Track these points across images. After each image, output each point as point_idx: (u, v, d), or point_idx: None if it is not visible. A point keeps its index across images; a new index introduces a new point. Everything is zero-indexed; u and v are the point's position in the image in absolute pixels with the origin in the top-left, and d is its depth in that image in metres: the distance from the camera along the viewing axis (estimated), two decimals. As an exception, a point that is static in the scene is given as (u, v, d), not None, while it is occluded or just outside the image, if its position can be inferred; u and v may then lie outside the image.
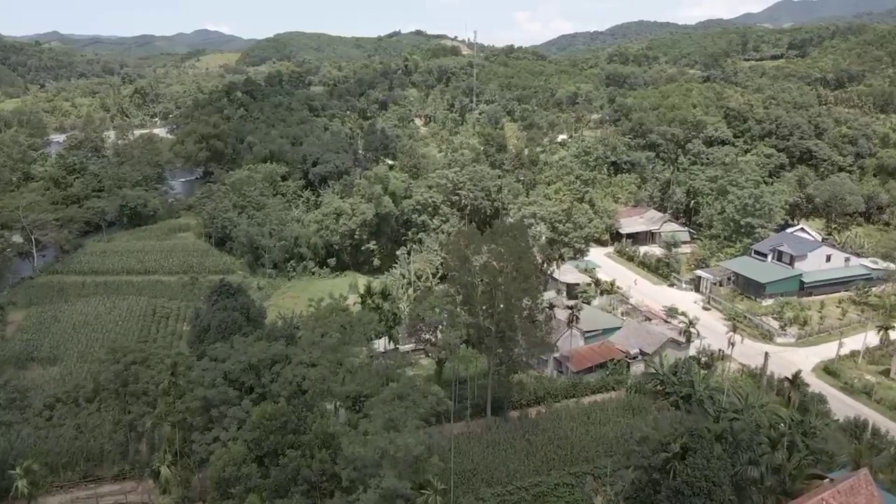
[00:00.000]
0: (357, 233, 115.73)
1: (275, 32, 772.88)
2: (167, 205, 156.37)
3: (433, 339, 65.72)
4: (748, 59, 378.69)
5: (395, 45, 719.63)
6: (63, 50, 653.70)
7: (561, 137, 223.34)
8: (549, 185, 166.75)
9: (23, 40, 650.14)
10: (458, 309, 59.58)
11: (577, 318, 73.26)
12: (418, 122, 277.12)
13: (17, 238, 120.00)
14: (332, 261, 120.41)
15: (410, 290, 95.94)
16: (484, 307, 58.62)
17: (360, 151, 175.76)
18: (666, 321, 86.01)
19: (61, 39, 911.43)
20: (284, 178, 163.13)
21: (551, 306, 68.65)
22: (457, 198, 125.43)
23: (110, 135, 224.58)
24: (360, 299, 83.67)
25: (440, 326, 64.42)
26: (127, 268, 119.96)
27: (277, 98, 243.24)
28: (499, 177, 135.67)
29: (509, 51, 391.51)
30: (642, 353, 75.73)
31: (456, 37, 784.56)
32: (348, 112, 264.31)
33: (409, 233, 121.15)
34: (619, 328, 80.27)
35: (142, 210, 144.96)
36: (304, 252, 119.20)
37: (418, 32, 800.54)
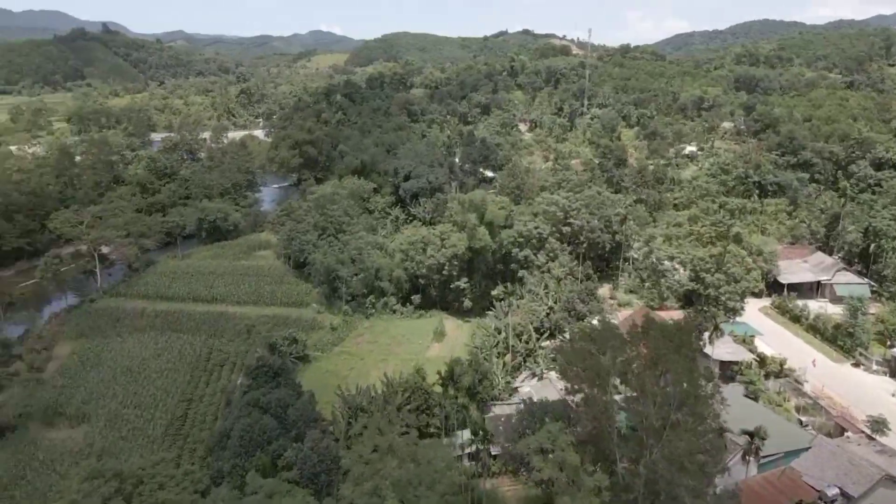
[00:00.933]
0: (446, 267, 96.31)
1: (382, 33, 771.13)
2: (251, 217, 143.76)
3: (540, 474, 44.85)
4: (893, 65, 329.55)
5: (502, 46, 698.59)
6: (184, 48, 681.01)
7: (688, 149, 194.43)
8: (678, 208, 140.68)
9: (149, 38, 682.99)
10: (585, 468, 38.24)
11: (759, 448, 49.85)
12: (522, 127, 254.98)
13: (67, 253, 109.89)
14: (416, 297, 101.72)
15: (507, 357, 75.22)
16: (630, 461, 37.23)
17: (456, 163, 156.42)
18: (870, 437, 60.34)
19: (186, 38, 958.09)
20: (377, 190, 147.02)
21: (721, 431, 45.93)
22: (568, 228, 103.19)
23: (206, 137, 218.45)
24: (440, 380, 63.97)
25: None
26: (193, 293, 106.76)
27: (376, 102, 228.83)
28: (624, 204, 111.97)
29: (625, 50, 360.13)
30: (844, 493, 51.27)
31: (564, 36, 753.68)
32: (448, 117, 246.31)
33: (509, 270, 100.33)
34: (806, 449, 55.80)
35: (221, 224, 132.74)
36: (385, 286, 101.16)
37: (526, 32, 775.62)
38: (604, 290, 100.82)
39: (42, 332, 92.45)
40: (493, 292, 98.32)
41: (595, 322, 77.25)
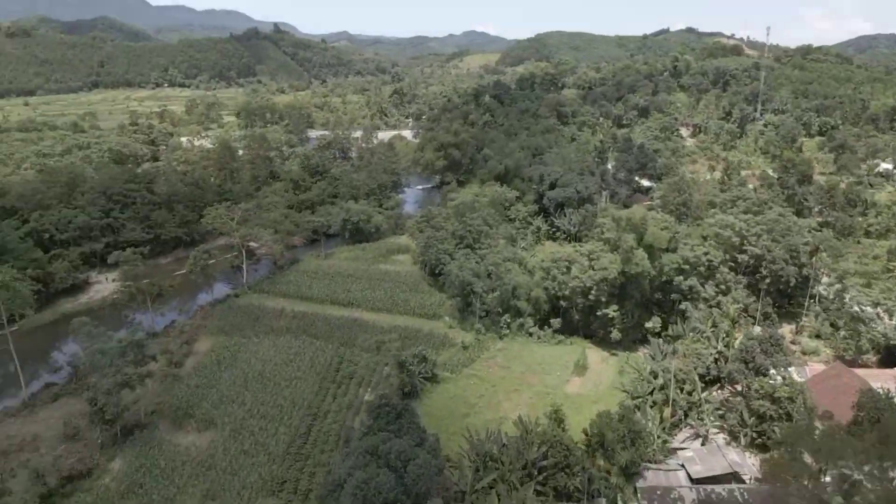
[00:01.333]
0: (593, 291, 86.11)
1: (536, 32, 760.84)
2: (393, 219, 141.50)
3: None
4: None
5: (662, 44, 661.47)
6: (345, 48, 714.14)
7: (883, 166, 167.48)
8: (870, 235, 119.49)
9: (316, 38, 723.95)
10: None
11: None
12: (684, 132, 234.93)
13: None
14: (556, 321, 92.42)
15: (667, 412, 64.07)
16: None
17: (610, 170, 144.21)
18: None
19: (349, 39, 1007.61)
20: (519, 198, 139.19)
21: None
22: (744, 257, 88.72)
23: (358, 136, 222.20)
24: (586, 439, 54.67)
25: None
26: (331, 296, 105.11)
27: (525, 103, 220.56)
28: (813, 230, 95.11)
29: (805, 51, 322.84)
30: None
31: (733, 35, 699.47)
32: (601, 119, 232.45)
33: (668, 300, 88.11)
34: None
35: (364, 226, 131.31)
36: (522, 306, 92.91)
37: (690, 30, 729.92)
38: (783, 330, 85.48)
39: (185, 327, 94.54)
40: (648, 325, 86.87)
41: (780, 379, 63.97)
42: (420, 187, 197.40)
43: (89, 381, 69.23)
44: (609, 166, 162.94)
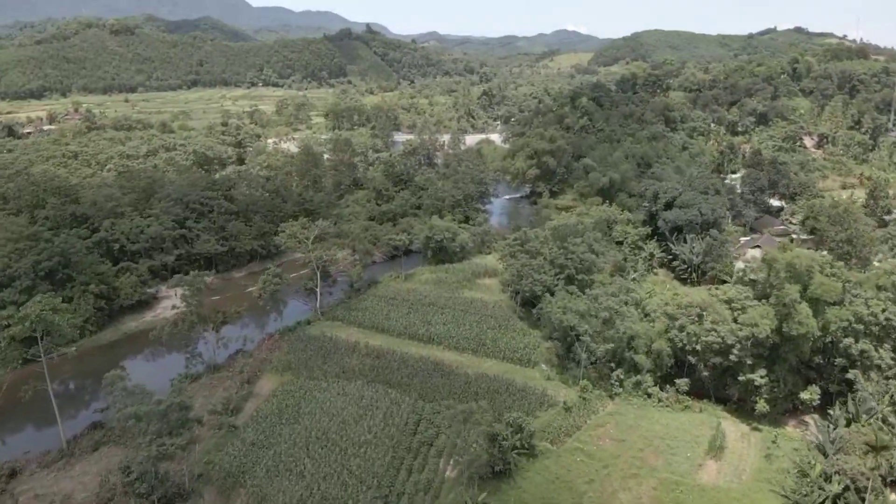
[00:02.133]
0: (736, 351, 68.43)
1: (631, 31, 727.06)
2: (479, 236, 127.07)
3: None
4: None
5: (769, 44, 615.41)
6: (434, 48, 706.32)
7: None
8: None
9: (406, 38, 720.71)
10: None
11: None
12: (808, 142, 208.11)
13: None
14: (682, 381, 75.17)
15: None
16: None
17: (737, 188, 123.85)
18: None
19: (438, 39, 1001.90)
20: (629, 209, 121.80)
21: None
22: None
23: (445, 140, 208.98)
24: None
25: None
26: (409, 329, 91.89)
27: (628, 107, 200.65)
28: None
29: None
30: None
31: (845, 35, 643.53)
32: (713, 126, 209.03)
33: (829, 365, 69.09)
34: None
35: (448, 245, 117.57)
36: (639, 360, 76.20)
37: (798, 30, 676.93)
38: None
39: (248, 360, 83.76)
40: (804, 396, 68.24)
41: None
42: (507, 197, 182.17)
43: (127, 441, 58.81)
44: (728, 180, 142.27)
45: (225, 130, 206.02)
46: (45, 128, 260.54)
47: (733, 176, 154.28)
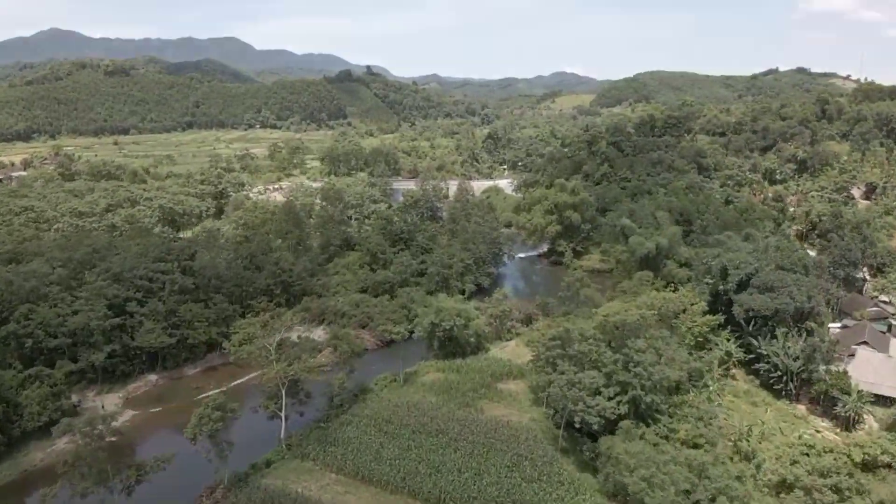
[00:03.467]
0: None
1: (631, 72, 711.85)
2: (498, 318, 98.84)
3: None
4: None
5: (773, 85, 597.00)
6: (435, 90, 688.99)
7: None
8: None
9: (406, 81, 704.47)
10: None
11: None
12: (855, 193, 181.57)
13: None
14: None
15: None
16: None
17: (824, 262, 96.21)
18: None
19: (439, 81, 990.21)
20: (679, 283, 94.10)
21: None
22: None
23: (451, 187, 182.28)
24: None
25: None
26: (410, 480, 63.12)
27: (656, 153, 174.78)
28: None
29: None
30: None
31: (849, 76, 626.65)
32: (749, 173, 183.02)
33: None
34: None
35: (459, 334, 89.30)
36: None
37: (800, 70, 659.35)
38: None
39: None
40: None
41: None
42: (523, 255, 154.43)
43: None
44: (807, 250, 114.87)
45: (204, 179, 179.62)
46: (16, 174, 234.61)
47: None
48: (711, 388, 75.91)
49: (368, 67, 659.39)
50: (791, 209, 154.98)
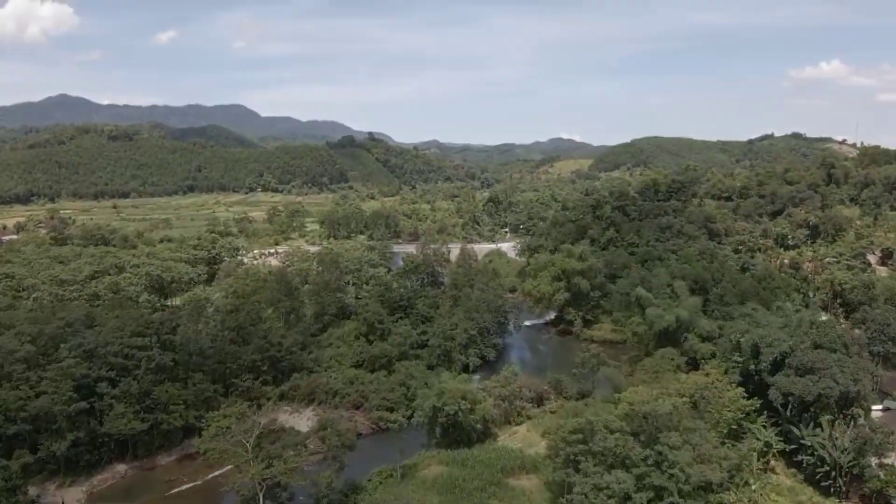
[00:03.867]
0: None
1: (627, 138, 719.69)
2: (506, 400, 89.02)
3: None
4: None
5: (769, 150, 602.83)
6: (435, 155, 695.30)
7: None
8: None
9: (408, 146, 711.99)
10: None
11: None
12: (871, 259, 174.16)
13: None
14: None
15: None
16: None
17: (862, 338, 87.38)
18: None
19: (439, 147, 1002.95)
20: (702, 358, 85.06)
21: None
22: None
23: (453, 251, 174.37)
24: None
25: None
26: None
27: (664, 219, 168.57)
28: None
29: None
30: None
31: (844, 140, 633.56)
32: (762, 240, 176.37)
33: None
34: None
35: (464, 420, 79.57)
36: None
37: (796, 135, 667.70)
38: None
39: None
40: None
41: None
42: (528, 323, 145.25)
43: None
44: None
45: (197, 244, 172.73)
46: (7, 238, 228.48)
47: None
48: (754, 486, 65.90)
49: (370, 133, 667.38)
50: (809, 277, 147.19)
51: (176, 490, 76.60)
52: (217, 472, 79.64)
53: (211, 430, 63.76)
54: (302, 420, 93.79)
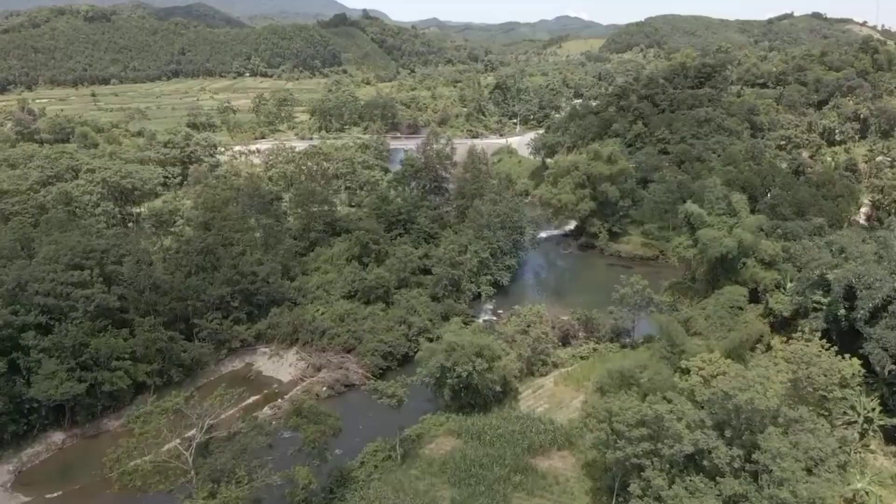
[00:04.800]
0: None
1: (639, 16, 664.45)
2: (530, 348, 71.14)
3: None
4: None
5: (789, 30, 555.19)
6: (435, 35, 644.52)
7: None
8: None
9: (406, 25, 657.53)
10: None
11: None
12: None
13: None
14: None
15: None
16: None
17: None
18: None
19: (439, 26, 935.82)
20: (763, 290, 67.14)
21: None
22: None
23: (458, 147, 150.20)
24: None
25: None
26: None
27: (701, 111, 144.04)
28: None
29: None
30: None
31: (865, 22, 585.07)
32: (805, 134, 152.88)
33: None
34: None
35: (479, 382, 61.85)
36: None
37: (816, 15, 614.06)
38: None
39: None
40: None
41: None
42: (544, 234, 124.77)
43: None
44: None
45: (169, 141, 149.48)
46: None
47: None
48: (860, 483, 49.49)
49: (365, 11, 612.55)
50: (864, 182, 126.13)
51: (122, 470, 60.74)
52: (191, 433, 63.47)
53: (130, 444, 45.93)
54: (283, 366, 77.39)
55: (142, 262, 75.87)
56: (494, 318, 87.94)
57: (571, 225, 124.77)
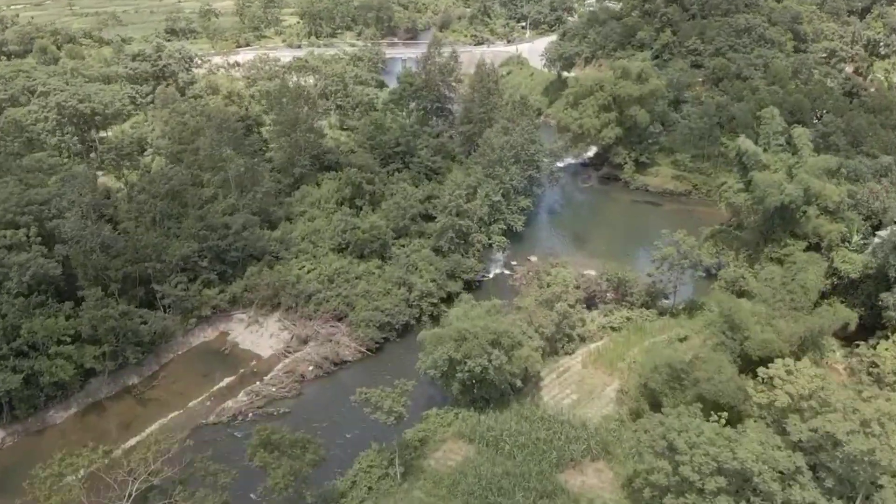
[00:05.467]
0: None
1: None
2: (555, 325, 58.25)
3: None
4: None
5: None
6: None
7: None
8: None
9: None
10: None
11: None
12: None
13: None
14: None
15: None
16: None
17: None
18: None
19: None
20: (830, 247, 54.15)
21: None
22: None
23: (460, 60, 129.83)
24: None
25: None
26: None
27: (740, 18, 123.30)
28: None
29: None
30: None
31: None
32: (854, 48, 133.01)
33: None
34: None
35: (495, 377, 49.54)
36: None
37: None
38: None
39: None
40: None
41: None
42: (561, 164, 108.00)
43: None
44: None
45: (138, 54, 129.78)
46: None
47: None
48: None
49: None
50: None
51: (74, 476, 49.82)
52: (147, 430, 52.26)
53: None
54: (263, 336, 65.18)
55: (88, 215, 61.34)
56: (508, 273, 74.95)
57: (591, 152, 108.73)
